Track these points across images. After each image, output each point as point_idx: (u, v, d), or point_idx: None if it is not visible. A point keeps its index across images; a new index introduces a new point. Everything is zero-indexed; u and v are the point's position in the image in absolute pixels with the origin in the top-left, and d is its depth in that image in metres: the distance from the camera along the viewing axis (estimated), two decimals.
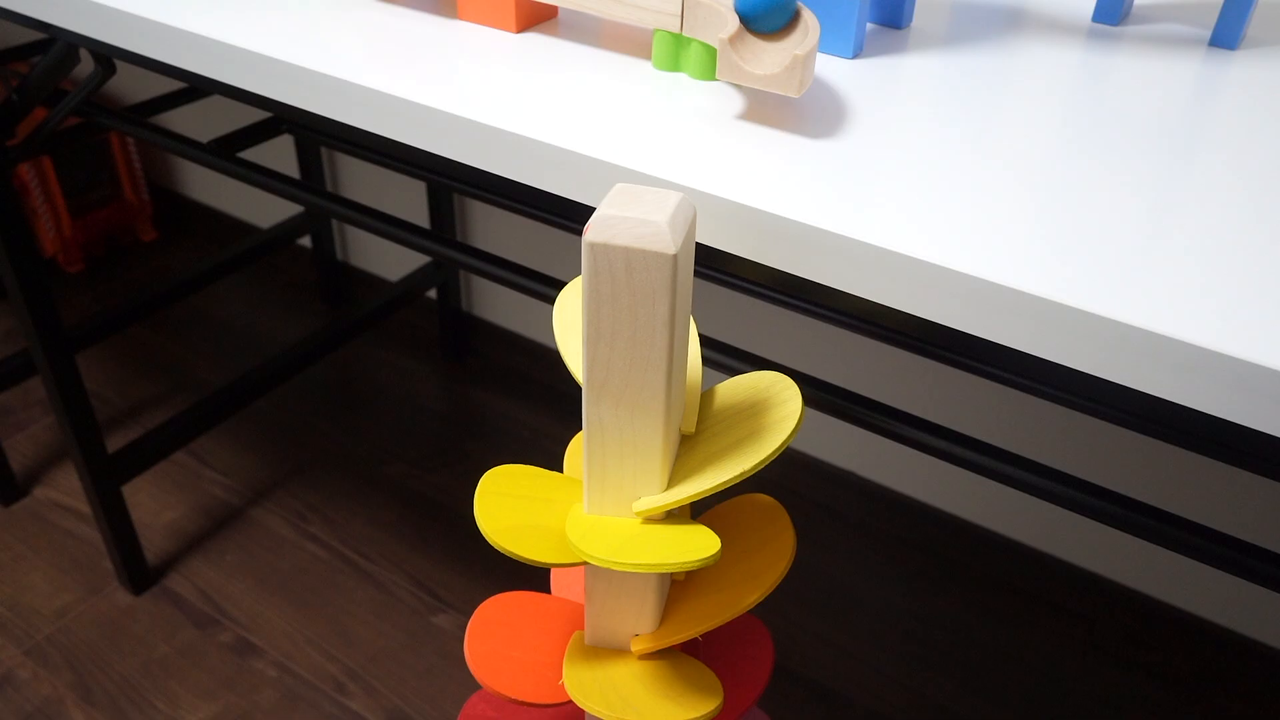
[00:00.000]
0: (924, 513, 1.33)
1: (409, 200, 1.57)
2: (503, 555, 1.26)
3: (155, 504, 1.33)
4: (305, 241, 1.78)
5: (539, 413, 1.50)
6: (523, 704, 0.51)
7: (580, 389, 0.45)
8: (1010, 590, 1.24)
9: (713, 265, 0.49)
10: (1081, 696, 1.12)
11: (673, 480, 0.47)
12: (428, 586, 1.22)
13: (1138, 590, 1.23)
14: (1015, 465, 0.55)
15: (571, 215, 0.52)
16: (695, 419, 0.49)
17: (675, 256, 0.39)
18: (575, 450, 0.55)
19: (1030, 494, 0.54)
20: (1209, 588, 1.18)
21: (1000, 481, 0.55)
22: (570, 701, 0.53)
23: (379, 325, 1.64)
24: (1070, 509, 0.54)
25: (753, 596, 0.50)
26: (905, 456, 1.33)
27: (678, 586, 0.53)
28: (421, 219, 1.58)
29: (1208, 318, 0.37)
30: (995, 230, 0.42)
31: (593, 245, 0.40)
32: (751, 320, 1.32)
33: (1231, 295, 0.39)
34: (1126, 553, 1.22)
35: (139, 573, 1.21)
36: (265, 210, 1.80)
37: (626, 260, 0.40)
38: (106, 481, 1.14)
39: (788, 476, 1.38)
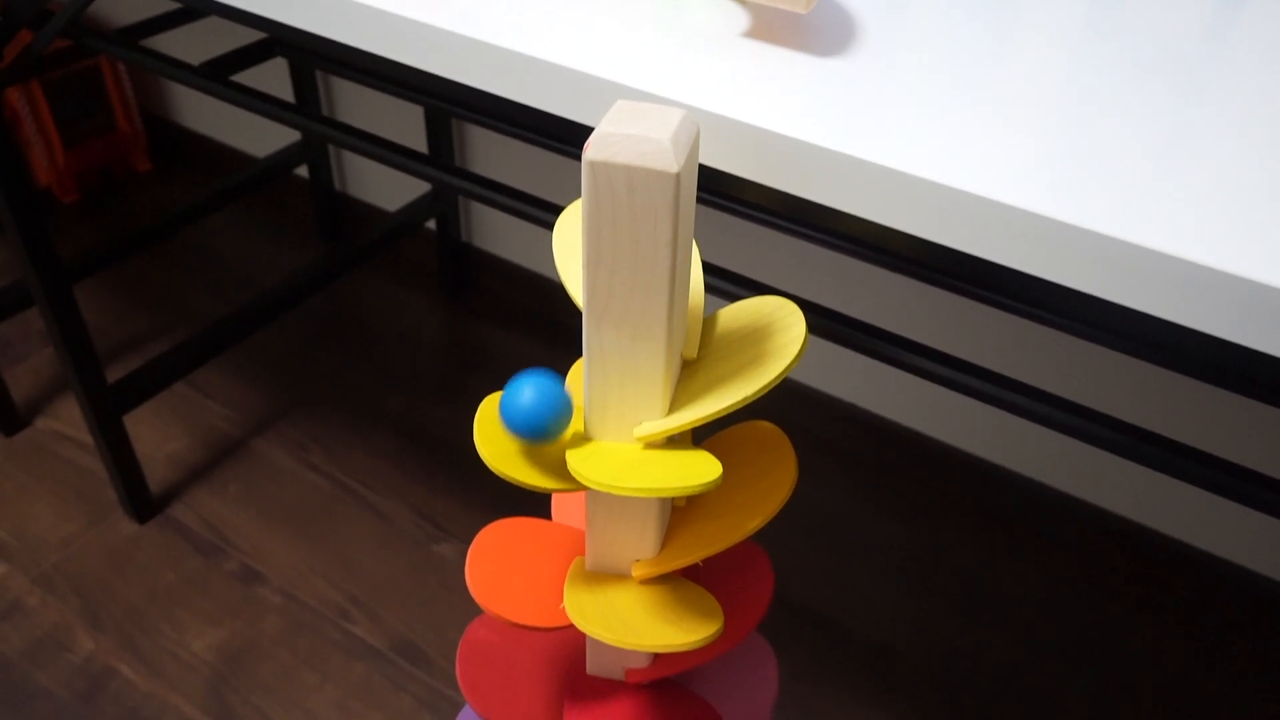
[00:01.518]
0: (924, 445, 1.33)
1: (406, 128, 1.54)
2: (505, 486, 1.27)
3: (157, 435, 1.33)
4: (302, 172, 1.76)
5: (540, 345, 1.49)
6: (524, 627, 0.52)
7: (581, 317, 0.44)
8: (1006, 522, 1.25)
9: (715, 189, 0.48)
10: (1076, 627, 1.13)
11: (674, 406, 0.46)
12: (429, 516, 1.23)
13: (1135, 521, 1.24)
14: (1015, 391, 0.55)
15: (572, 140, 0.51)
16: (697, 344, 0.48)
17: (678, 175, 0.38)
18: (576, 376, 0.54)
19: (1029, 419, 0.54)
20: (1206, 519, 1.19)
21: (1000, 407, 0.54)
22: (571, 625, 0.53)
23: (378, 257, 1.63)
24: (1069, 434, 0.54)
25: (754, 522, 0.50)
26: (906, 389, 1.33)
27: (679, 513, 0.53)
28: (419, 147, 1.56)
29: (1216, 238, 0.37)
30: (1005, 150, 0.41)
31: (593, 163, 0.39)
32: (755, 247, 1.30)
33: (1241, 216, 0.38)
34: (1124, 484, 1.23)
35: (143, 502, 1.21)
36: (261, 139, 1.78)
37: (628, 179, 0.39)
38: (107, 412, 1.14)
39: (788, 409, 1.38)
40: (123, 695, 1.04)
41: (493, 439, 0.48)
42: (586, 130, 0.49)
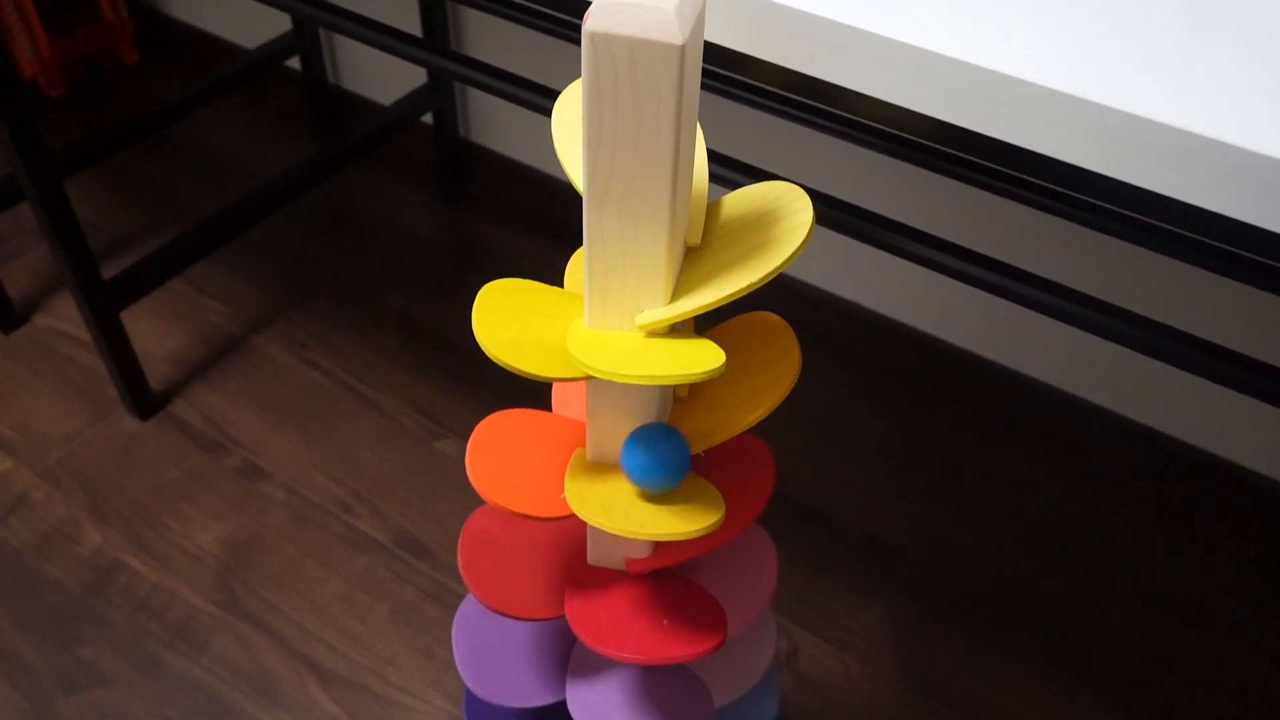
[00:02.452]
0: (926, 344, 1.33)
1: (401, 16, 1.49)
2: (506, 384, 1.27)
3: (156, 332, 1.33)
4: (294, 64, 1.71)
5: (540, 242, 1.47)
6: (525, 517, 0.52)
7: (582, 204, 0.43)
8: (1009, 420, 1.25)
9: (721, 71, 0.46)
10: (1077, 526, 1.14)
11: (677, 293, 0.45)
12: (430, 413, 1.23)
13: (1135, 420, 1.24)
14: (1018, 280, 0.53)
15: (571, 24, 0.49)
16: (701, 230, 0.47)
17: (683, 48, 0.37)
18: (576, 265, 0.53)
19: (1034, 309, 0.53)
20: (1207, 418, 1.19)
21: (1003, 296, 0.53)
22: (571, 516, 0.53)
23: (374, 152, 1.60)
24: (1071, 323, 0.53)
25: (756, 413, 0.49)
26: (909, 286, 1.32)
27: (680, 404, 0.53)
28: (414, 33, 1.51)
29: (1249, 118, 0.35)
30: (1023, 24, 0.39)
31: (593, 35, 0.37)
32: (761, 136, 1.27)
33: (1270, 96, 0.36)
34: (1116, 380, 1.22)
35: (144, 399, 1.22)
36: (250, 30, 1.72)
37: (630, 53, 0.37)
38: (104, 308, 1.13)
39: (790, 307, 1.37)
40: (131, 587, 1.05)
41: (493, 327, 0.47)
42: (586, 5, 0.47)
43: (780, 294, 1.39)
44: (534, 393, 1.26)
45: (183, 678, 0.98)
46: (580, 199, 0.43)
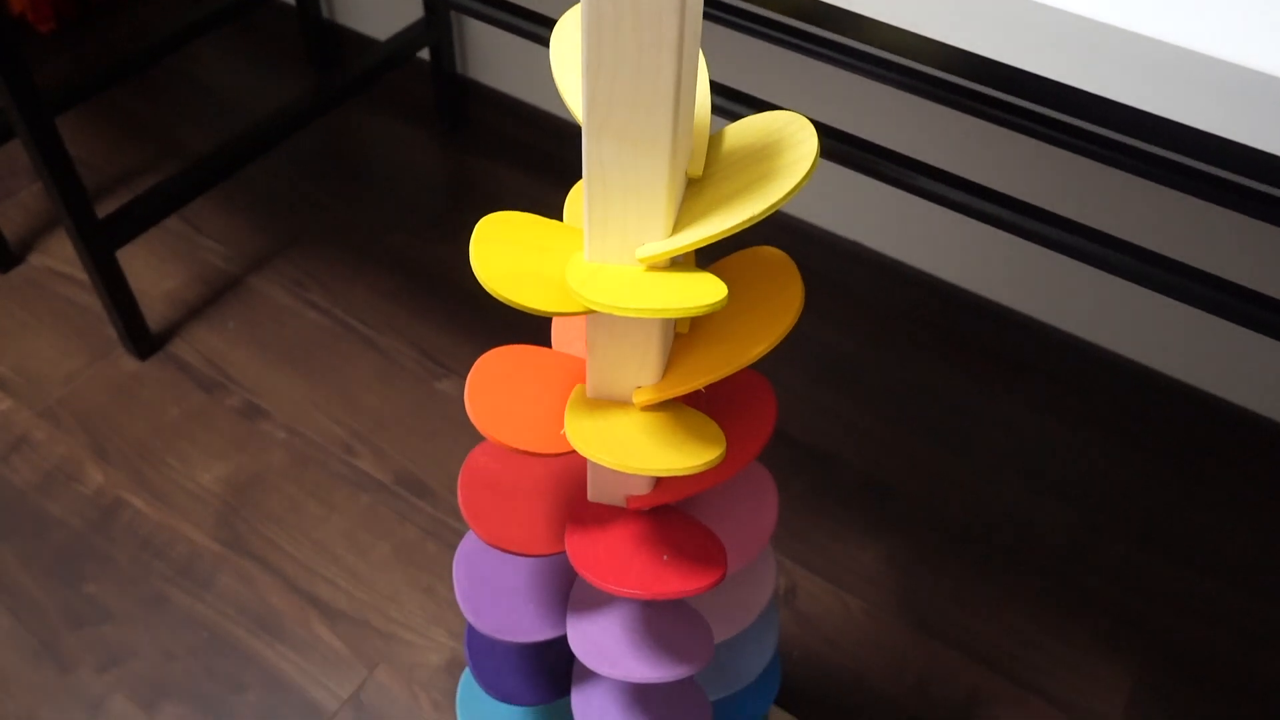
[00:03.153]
0: (929, 285, 1.32)
1: None
2: (505, 325, 1.26)
3: (153, 272, 1.32)
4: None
5: (539, 181, 1.46)
6: (524, 453, 0.51)
7: (581, 136, 0.42)
8: (1009, 361, 1.25)
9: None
10: (1076, 466, 1.15)
11: (678, 226, 0.44)
12: (430, 354, 1.23)
13: (1135, 360, 1.24)
14: (1026, 215, 0.53)
15: None
16: (703, 161, 0.46)
17: None
18: (576, 197, 0.52)
19: (1040, 244, 0.52)
20: (1207, 357, 1.19)
21: (1009, 231, 0.53)
22: (571, 453, 0.53)
23: (370, 90, 1.57)
24: (1074, 256, 0.52)
25: (758, 348, 0.49)
26: (910, 226, 1.30)
27: (681, 339, 0.52)
28: None
29: (1221, 29, 0.34)
30: None
31: None
32: (765, 68, 1.25)
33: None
34: (1130, 325, 1.22)
35: (143, 339, 1.21)
36: None
37: None
38: (100, 247, 1.12)
39: (793, 249, 1.36)
40: (135, 525, 1.06)
41: (491, 261, 0.46)
42: None
43: (784, 236, 1.37)
44: (534, 333, 1.25)
45: (187, 614, 0.99)
46: (580, 133, 0.42)
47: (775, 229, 1.37)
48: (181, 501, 1.08)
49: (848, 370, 1.23)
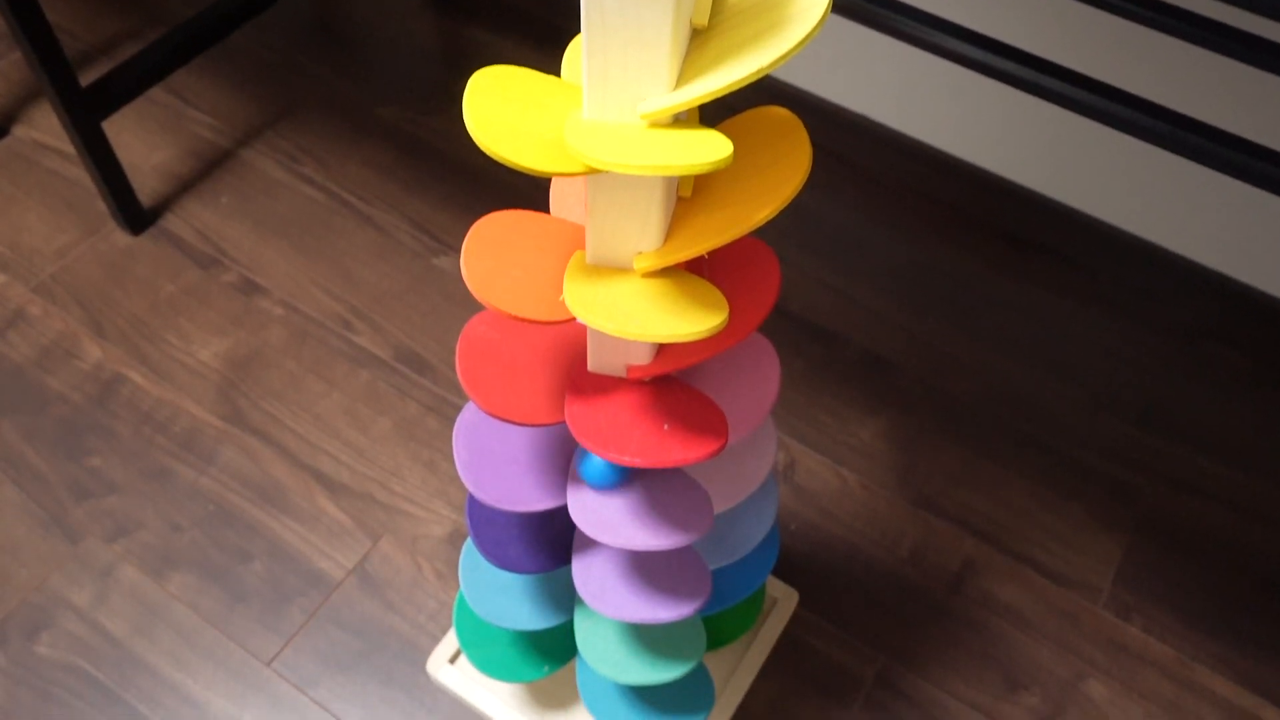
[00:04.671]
0: (937, 160, 1.29)
1: None
2: (504, 198, 1.24)
3: (142, 145, 1.28)
4: None
5: (538, 52, 1.41)
6: (522, 320, 0.50)
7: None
8: (1017, 240, 1.23)
9: None
10: (1080, 345, 1.14)
11: (682, 79, 0.42)
12: (428, 230, 1.21)
13: (1143, 238, 1.22)
14: (1045, 73, 0.50)
15: None
16: (708, 10, 0.43)
17: None
18: (574, 52, 0.50)
19: (1056, 102, 0.50)
20: (1217, 237, 1.17)
21: (1031, 92, 0.50)
22: (570, 321, 0.52)
23: None
24: (1087, 113, 0.50)
25: (764, 212, 0.47)
26: (920, 99, 1.27)
27: (683, 204, 0.51)
28: None
29: None
30: None
31: None
32: None
33: None
34: (1136, 200, 1.19)
35: (135, 214, 1.19)
36: None
37: None
38: (85, 118, 1.08)
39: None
40: (135, 400, 1.06)
41: (485, 117, 0.44)
42: None
43: (796, 111, 1.34)
44: (533, 207, 1.23)
45: (192, 487, 1.00)
46: None
47: (778, 99, 1.33)
48: (181, 377, 1.08)
49: (852, 246, 1.21)
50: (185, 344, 1.11)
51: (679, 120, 0.44)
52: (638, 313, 0.48)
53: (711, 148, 0.40)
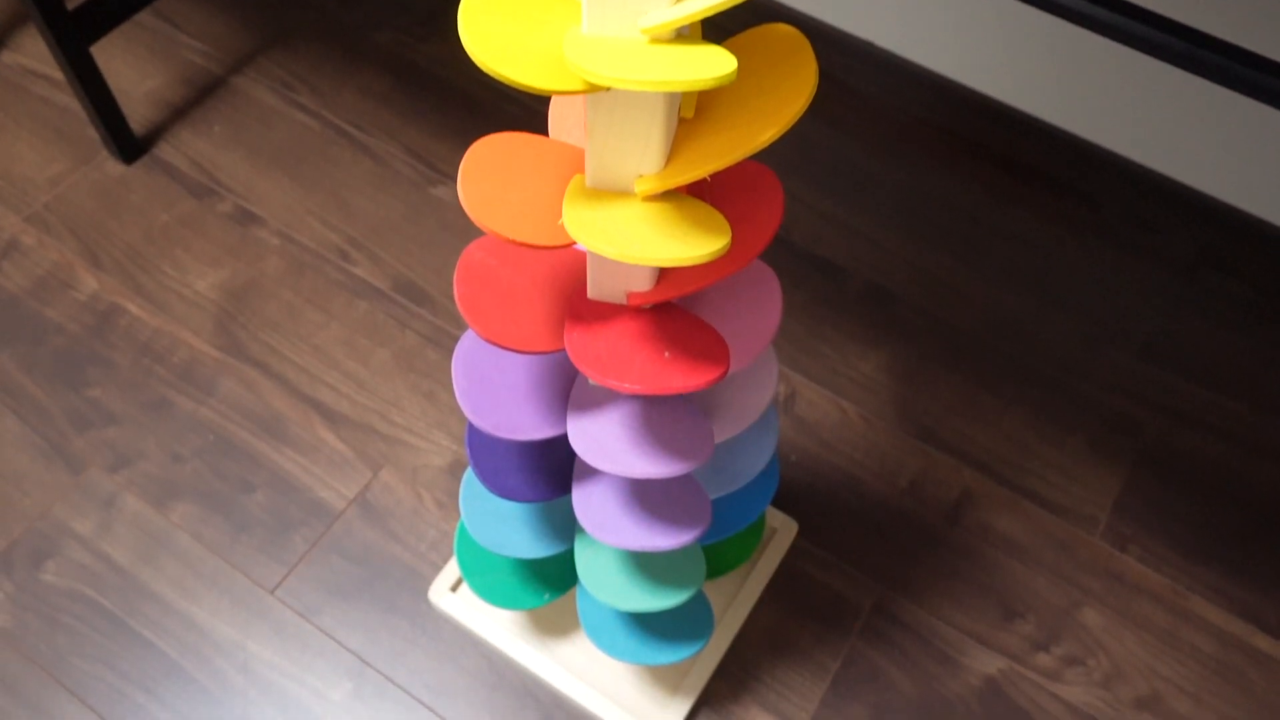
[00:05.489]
0: (941, 87, 1.26)
1: None
2: (503, 126, 1.21)
3: (133, 72, 1.26)
4: None
5: None
6: (521, 244, 0.50)
7: None
8: (1021, 169, 1.21)
9: None
10: (1081, 275, 1.13)
11: None
12: (425, 159, 1.19)
13: (1148, 168, 1.20)
14: None
15: None
16: None
17: None
18: None
19: (1058, 14, 0.48)
20: (1221, 165, 1.15)
21: (1040, 7, 0.49)
22: (570, 246, 0.51)
23: None
24: (1094, 29, 0.49)
25: (768, 133, 0.46)
26: (926, 24, 1.24)
27: (685, 125, 0.49)
28: None
29: None
30: None
31: None
32: None
33: None
34: (1140, 129, 1.18)
35: (127, 142, 1.17)
36: None
37: None
38: (72, 42, 1.06)
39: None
40: (133, 330, 1.05)
41: (481, 33, 0.43)
42: None
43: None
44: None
45: (191, 417, 1.00)
46: None
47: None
48: (178, 308, 1.07)
49: (855, 176, 1.20)
50: (182, 274, 1.10)
51: (681, 35, 0.43)
52: (638, 236, 0.47)
53: (715, 63, 0.39)
